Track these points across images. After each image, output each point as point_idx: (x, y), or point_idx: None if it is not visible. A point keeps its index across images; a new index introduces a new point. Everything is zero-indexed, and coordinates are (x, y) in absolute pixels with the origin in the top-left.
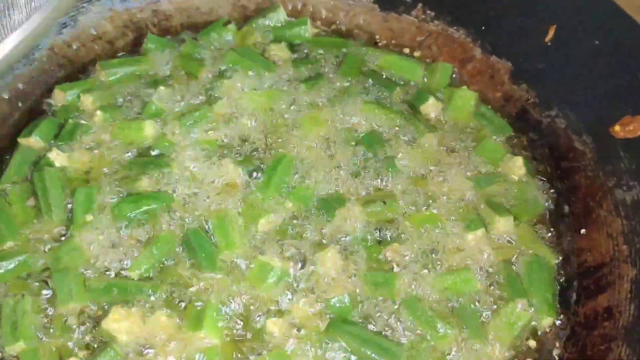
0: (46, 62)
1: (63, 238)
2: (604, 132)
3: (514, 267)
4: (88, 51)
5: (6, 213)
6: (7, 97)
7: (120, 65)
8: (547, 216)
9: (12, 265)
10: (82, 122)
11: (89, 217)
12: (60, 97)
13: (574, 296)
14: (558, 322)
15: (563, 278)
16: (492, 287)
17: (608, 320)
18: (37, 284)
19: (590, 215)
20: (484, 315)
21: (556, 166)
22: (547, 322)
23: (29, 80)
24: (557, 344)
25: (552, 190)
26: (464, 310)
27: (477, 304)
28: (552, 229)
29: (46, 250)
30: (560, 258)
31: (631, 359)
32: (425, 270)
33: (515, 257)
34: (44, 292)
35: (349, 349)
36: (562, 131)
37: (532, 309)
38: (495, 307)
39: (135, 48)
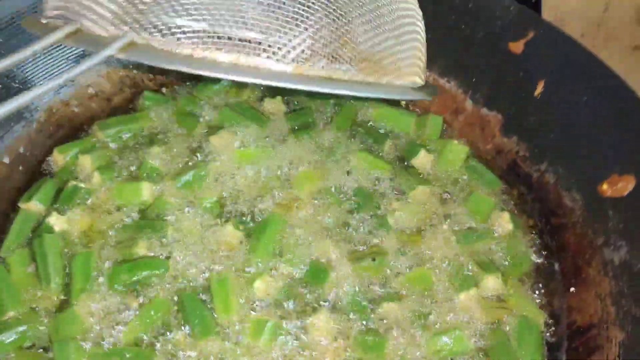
0: (44, 122)
1: (62, 305)
2: (593, 189)
3: (504, 328)
4: (86, 109)
5: (7, 282)
6: (7, 161)
7: (117, 125)
8: (538, 272)
9: (14, 337)
10: (81, 184)
11: (87, 285)
12: (59, 159)
13: (564, 358)
14: None
15: (553, 338)
16: (481, 352)
17: None
18: (41, 351)
19: (580, 274)
20: None
21: (546, 222)
22: None
23: (27, 142)
24: None
25: (541, 246)
26: None
27: None
28: (541, 286)
29: (46, 319)
30: (550, 318)
31: None
32: (418, 331)
33: (505, 317)
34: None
35: None
36: (552, 186)
37: None
38: None
39: (133, 103)
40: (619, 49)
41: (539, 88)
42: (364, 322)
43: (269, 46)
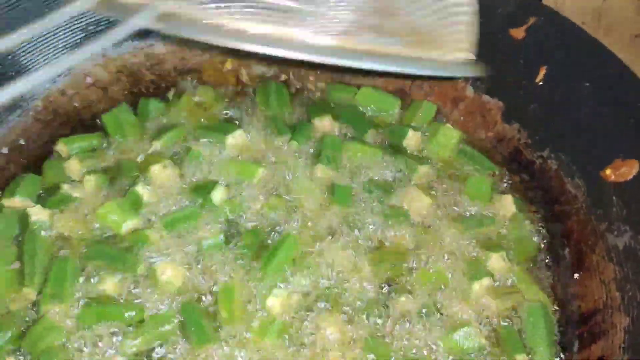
0: (41, 112)
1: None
2: (596, 175)
3: (516, 318)
4: (83, 98)
5: None
6: (5, 152)
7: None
8: (543, 259)
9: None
10: (68, 186)
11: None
12: (64, 150)
13: (570, 344)
14: None
15: (559, 325)
16: (493, 342)
17: None
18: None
19: (584, 260)
20: None
21: (550, 209)
22: None
23: (23, 131)
24: None
25: (545, 233)
26: None
27: None
28: (548, 273)
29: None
30: (556, 304)
31: None
32: (433, 326)
33: (516, 304)
34: None
35: None
36: (554, 173)
37: None
38: None
39: (131, 93)
40: (619, 38)
41: (541, 74)
42: (377, 320)
43: (309, 16)
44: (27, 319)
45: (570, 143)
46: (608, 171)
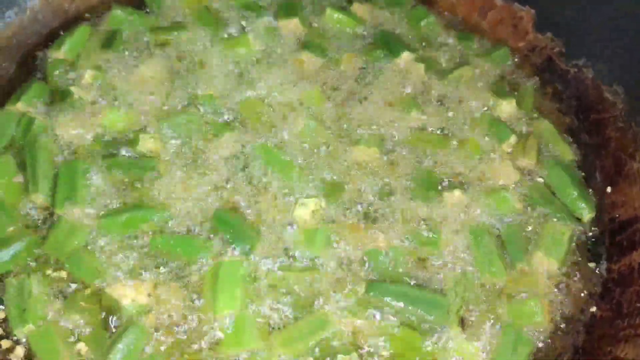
0: (39, 10)
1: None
2: (637, 80)
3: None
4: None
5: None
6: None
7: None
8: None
9: (16, 249)
10: (72, 88)
11: (72, 194)
12: (56, 54)
13: (606, 253)
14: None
15: (593, 233)
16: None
17: None
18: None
19: (622, 169)
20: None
21: (585, 119)
22: (588, 217)
23: (20, 30)
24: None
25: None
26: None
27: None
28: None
29: (44, 229)
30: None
31: None
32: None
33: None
34: (49, 272)
35: (393, 309)
36: (591, 81)
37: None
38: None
39: None
40: None
41: None
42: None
43: None
44: (42, 226)
45: (607, 49)
46: None
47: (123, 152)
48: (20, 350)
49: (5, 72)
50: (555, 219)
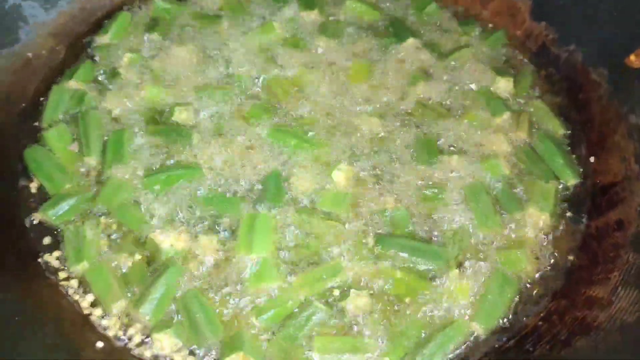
0: (87, 1)
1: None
2: (619, 63)
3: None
4: None
5: (53, 160)
6: (54, 31)
7: None
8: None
9: (73, 202)
10: (119, 69)
11: (120, 157)
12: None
13: (587, 213)
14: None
15: (577, 196)
16: (519, 171)
17: (618, 231)
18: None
19: (605, 142)
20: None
21: (574, 98)
22: (573, 182)
23: (70, 18)
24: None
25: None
26: (504, 194)
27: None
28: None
29: (95, 187)
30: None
31: (638, 261)
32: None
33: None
34: (100, 220)
35: (399, 260)
36: (580, 64)
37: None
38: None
39: None
40: None
41: None
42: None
43: None
44: (94, 185)
45: (596, 35)
46: (632, 57)
47: (161, 122)
48: (74, 282)
49: (58, 55)
50: (542, 181)
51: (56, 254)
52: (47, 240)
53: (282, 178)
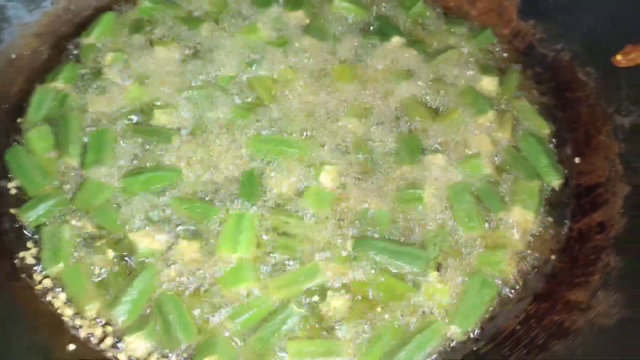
0: (72, 1)
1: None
2: (606, 63)
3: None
4: None
5: (35, 162)
6: (38, 32)
7: None
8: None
9: (51, 204)
10: (107, 70)
11: (100, 157)
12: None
13: (570, 214)
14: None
15: (560, 199)
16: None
17: (600, 233)
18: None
19: (591, 142)
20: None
21: (560, 97)
22: (557, 183)
23: (55, 18)
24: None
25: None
26: (486, 193)
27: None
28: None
29: (74, 188)
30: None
31: (619, 264)
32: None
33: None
34: (77, 222)
35: (377, 263)
36: (567, 64)
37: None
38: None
39: None
40: None
41: None
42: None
43: None
44: (73, 185)
45: (583, 34)
46: (619, 57)
47: (142, 123)
48: (49, 283)
49: (42, 55)
50: (526, 180)
51: (32, 254)
52: (23, 241)
53: (261, 178)
